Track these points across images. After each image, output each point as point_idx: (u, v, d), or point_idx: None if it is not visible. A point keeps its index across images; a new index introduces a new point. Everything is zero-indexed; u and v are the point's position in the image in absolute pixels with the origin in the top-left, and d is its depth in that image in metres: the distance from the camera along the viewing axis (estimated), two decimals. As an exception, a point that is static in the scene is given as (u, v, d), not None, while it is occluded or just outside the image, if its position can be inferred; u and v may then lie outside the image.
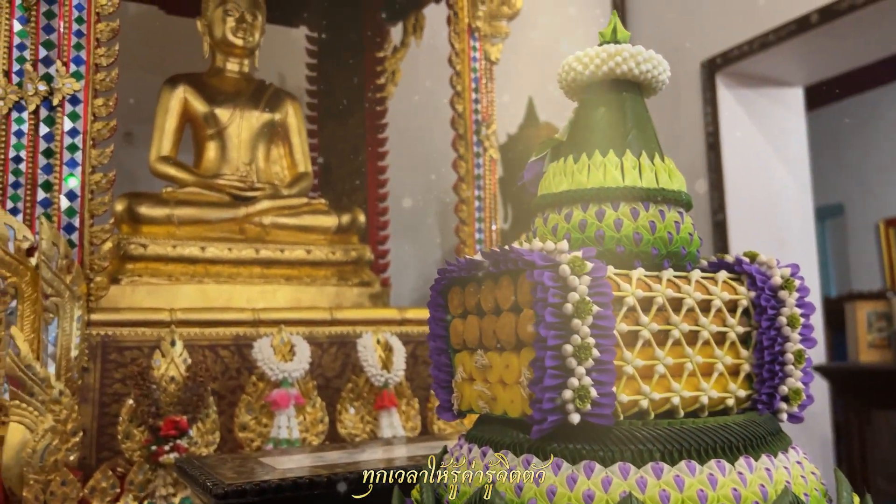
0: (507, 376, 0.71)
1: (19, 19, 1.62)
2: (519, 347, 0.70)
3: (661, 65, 0.79)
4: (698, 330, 0.72)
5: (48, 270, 1.51)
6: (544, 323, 0.64)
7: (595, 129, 0.77)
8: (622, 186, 0.73)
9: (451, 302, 0.79)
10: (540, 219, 0.79)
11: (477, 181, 1.94)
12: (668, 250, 0.75)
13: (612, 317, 0.66)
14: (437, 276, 0.79)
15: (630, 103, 0.78)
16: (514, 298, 0.70)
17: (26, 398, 1.40)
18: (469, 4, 1.94)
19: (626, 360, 0.68)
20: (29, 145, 1.59)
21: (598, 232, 0.73)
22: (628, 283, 0.69)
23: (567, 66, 0.79)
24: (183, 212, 1.91)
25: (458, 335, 0.78)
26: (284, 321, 1.73)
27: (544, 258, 0.66)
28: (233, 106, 2.10)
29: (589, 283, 0.65)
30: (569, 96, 0.83)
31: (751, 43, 2.82)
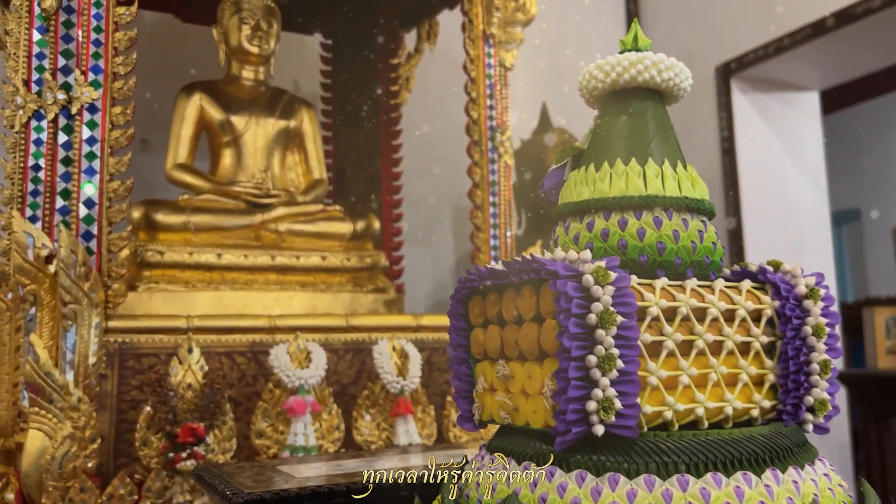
0: (529, 387, 0.70)
1: (38, 29, 1.64)
2: (542, 358, 0.70)
3: (683, 72, 0.78)
4: (722, 340, 0.71)
5: (66, 278, 1.52)
6: (568, 333, 0.63)
7: (617, 137, 0.77)
8: (645, 195, 0.73)
9: (472, 311, 0.79)
10: (561, 227, 0.78)
11: (492, 187, 1.94)
12: (692, 259, 0.74)
13: (636, 327, 0.65)
14: (457, 284, 0.78)
15: (652, 111, 0.78)
16: (536, 308, 0.70)
17: (45, 405, 1.41)
18: (484, 11, 1.94)
19: (651, 371, 0.67)
20: (48, 153, 1.61)
21: (620, 241, 0.73)
22: (652, 292, 0.69)
23: (588, 74, 0.79)
24: (199, 219, 1.92)
25: (479, 345, 0.78)
26: (300, 328, 1.73)
27: (567, 268, 0.65)
28: (248, 113, 2.11)
29: (613, 293, 0.64)
30: (589, 104, 0.83)
31: (766, 47, 2.80)
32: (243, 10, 2.10)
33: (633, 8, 3.29)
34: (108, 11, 1.64)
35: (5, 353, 1.60)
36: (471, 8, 1.94)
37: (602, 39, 3.33)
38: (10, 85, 1.65)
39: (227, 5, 2.13)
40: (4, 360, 1.60)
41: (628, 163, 0.75)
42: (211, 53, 2.45)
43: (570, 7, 3.16)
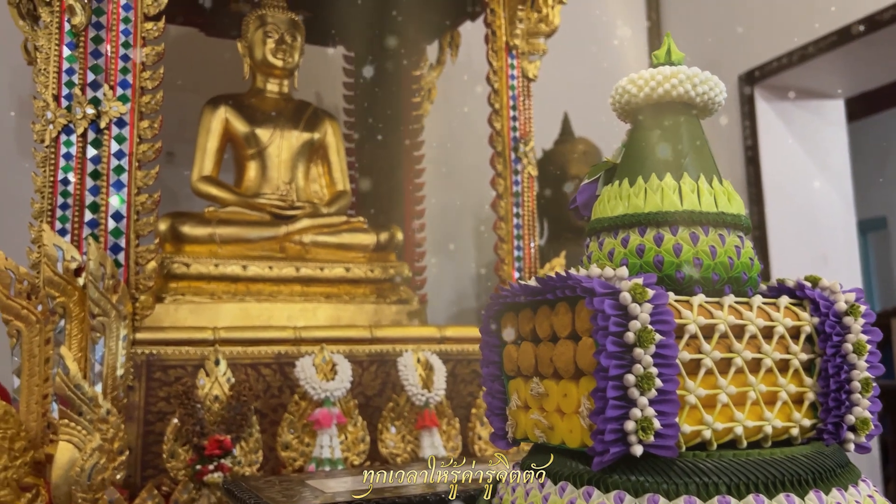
0: (565, 405, 0.70)
1: (68, 45, 1.66)
2: (578, 376, 0.69)
3: (718, 86, 0.77)
4: (761, 357, 0.70)
5: (95, 290, 1.54)
6: (606, 352, 0.63)
7: (651, 151, 0.76)
8: (681, 211, 0.72)
9: (505, 328, 0.78)
10: (594, 243, 0.78)
11: (515, 198, 1.93)
12: (729, 276, 0.73)
13: (675, 345, 0.64)
14: (489, 300, 0.78)
15: (686, 125, 0.77)
16: (572, 326, 0.69)
17: (75, 417, 1.42)
18: (507, 23, 1.94)
19: (689, 390, 0.66)
20: (77, 167, 1.62)
21: (656, 257, 0.72)
22: (689, 309, 0.68)
23: (621, 88, 0.79)
24: (225, 231, 1.94)
25: (512, 361, 0.77)
26: (325, 339, 1.74)
27: (604, 285, 0.65)
28: (273, 126, 2.12)
29: (651, 310, 0.64)
30: (621, 118, 0.82)
31: (790, 55, 2.78)
32: (268, 23, 2.12)
33: (655, 17, 3.28)
34: (136, 27, 1.66)
35: (35, 364, 1.61)
36: (494, 20, 1.95)
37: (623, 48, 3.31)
38: (40, 100, 1.67)
39: (251, 19, 2.15)
40: (34, 371, 1.61)
41: (663, 178, 0.74)
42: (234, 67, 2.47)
43: (592, 16, 3.15)
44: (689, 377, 0.67)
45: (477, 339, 1.85)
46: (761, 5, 2.92)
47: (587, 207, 0.82)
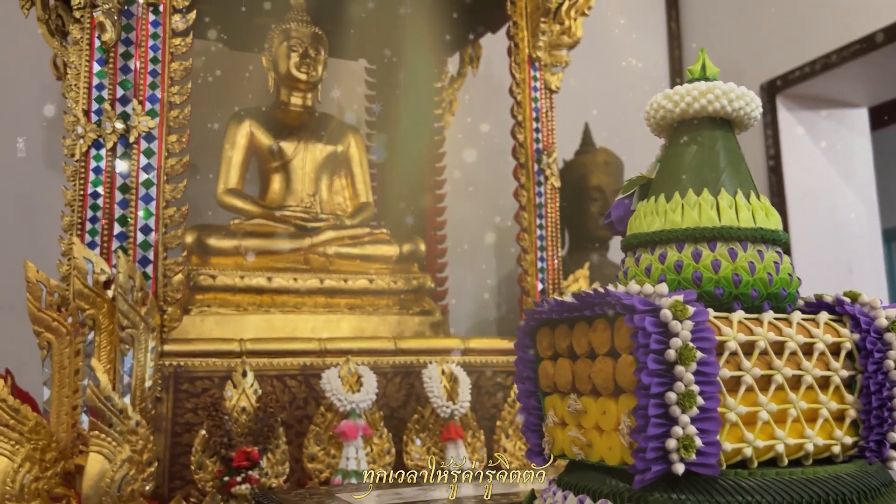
0: (604, 423, 0.70)
1: (98, 61, 1.69)
2: (617, 393, 0.69)
3: (754, 101, 0.77)
4: (801, 374, 0.69)
5: (124, 303, 1.55)
6: (646, 370, 0.63)
7: (687, 167, 0.76)
8: (719, 226, 0.72)
9: (540, 343, 0.78)
10: (631, 258, 0.78)
11: (538, 210, 1.93)
12: (768, 292, 0.73)
13: (715, 363, 0.64)
14: (524, 316, 0.78)
15: (722, 140, 0.77)
16: (611, 343, 0.69)
17: (105, 429, 1.43)
18: (529, 35, 1.95)
19: (729, 407, 0.66)
20: (106, 181, 1.64)
21: (695, 273, 0.72)
22: (729, 326, 0.68)
23: (655, 103, 0.79)
24: (250, 243, 1.95)
25: (549, 378, 0.77)
26: (350, 351, 1.74)
27: (644, 302, 0.65)
28: (297, 139, 2.14)
29: (691, 328, 0.64)
30: (655, 133, 0.82)
31: (812, 64, 2.76)
32: (292, 38, 2.14)
33: (675, 27, 3.27)
34: (165, 43, 1.69)
35: (65, 376, 1.63)
36: (516, 32, 1.95)
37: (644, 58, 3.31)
38: (70, 115, 1.70)
39: (275, 33, 2.17)
40: (64, 383, 1.63)
41: (700, 193, 0.74)
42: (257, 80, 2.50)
43: (612, 26, 3.16)
44: (730, 394, 0.66)
45: (500, 350, 1.86)
46: (783, 14, 2.91)
47: (622, 222, 0.82)
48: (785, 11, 2.90)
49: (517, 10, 1.96)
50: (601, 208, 2.66)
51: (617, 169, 2.73)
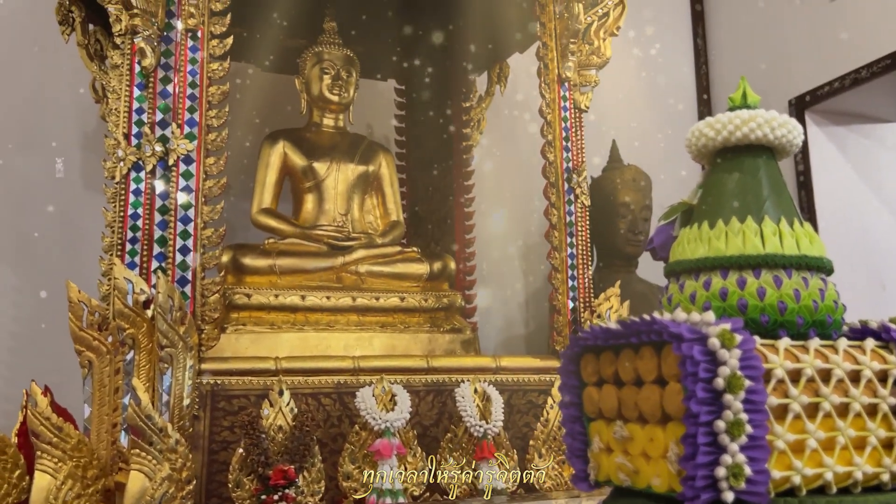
0: (651, 450, 0.70)
1: (138, 86, 1.73)
2: (664, 421, 0.69)
3: (796, 129, 0.78)
4: (849, 402, 0.70)
5: (164, 322, 1.59)
6: (695, 398, 0.63)
7: (730, 194, 0.77)
8: (763, 254, 0.73)
9: (585, 370, 0.79)
10: (674, 285, 0.78)
11: (569, 228, 1.94)
12: (814, 319, 0.73)
13: (764, 391, 0.64)
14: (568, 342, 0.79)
15: (765, 168, 0.77)
16: (658, 370, 0.70)
17: (146, 447, 1.46)
18: (559, 56, 1.97)
19: (777, 435, 0.66)
20: (146, 203, 1.68)
21: (740, 301, 0.72)
22: (776, 354, 0.68)
23: (697, 131, 0.80)
24: (284, 262, 1.98)
25: (594, 403, 0.78)
26: (383, 369, 1.76)
27: (692, 331, 0.65)
28: (330, 159, 2.18)
29: (739, 356, 0.64)
30: (696, 160, 0.83)
31: (842, 79, 2.74)
32: (324, 60, 2.18)
33: (701, 43, 3.27)
34: (203, 68, 1.73)
35: (105, 394, 1.66)
36: (546, 53, 1.97)
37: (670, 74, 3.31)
38: (111, 138, 1.74)
39: (308, 56, 2.21)
40: (104, 401, 1.66)
41: (744, 220, 0.75)
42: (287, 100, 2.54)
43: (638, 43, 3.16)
44: (777, 422, 0.67)
45: (532, 368, 1.86)
46: (810, 30, 2.90)
47: (664, 248, 0.82)
48: (812, 27, 2.89)
49: (546, 31, 1.98)
50: (629, 225, 2.65)
51: (645, 185, 2.72)
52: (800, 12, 2.93)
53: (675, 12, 3.36)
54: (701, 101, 3.29)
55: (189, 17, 1.73)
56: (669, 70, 3.29)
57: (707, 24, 3.30)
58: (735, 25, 3.22)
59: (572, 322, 1.89)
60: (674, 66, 3.33)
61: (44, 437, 1.50)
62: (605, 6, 1.98)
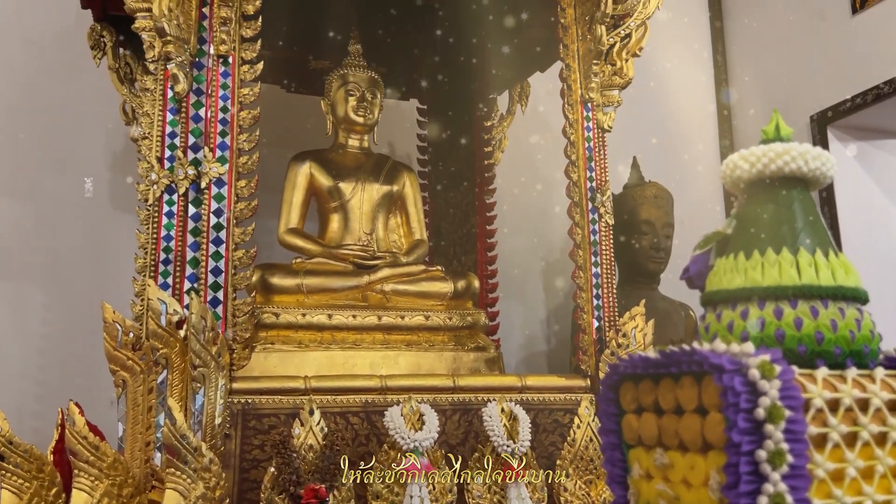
0: (692, 477, 0.72)
1: (171, 110, 1.77)
2: (705, 449, 0.71)
3: (829, 161, 0.80)
4: (887, 431, 0.71)
5: (197, 343, 1.62)
6: (737, 428, 0.65)
7: (765, 225, 0.78)
8: (800, 285, 0.74)
9: (624, 397, 0.81)
10: (711, 314, 0.80)
11: (593, 247, 1.95)
12: (851, 349, 0.74)
13: (803, 421, 0.66)
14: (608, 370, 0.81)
15: (799, 199, 0.79)
16: (698, 400, 0.71)
17: (180, 466, 1.49)
18: (582, 77, 1.99)
19: (817, 464, 0.67)
20: (178, 225, 1.72)
21: (777, 331, 0.74)
22: (814, 384, 0.70)
23: (732, 163, 0.81)
24: (311, 281, 2.01)
25: (633, 431, 0.80)
26: (410, 388, 1.78)
27: (732, 362, 0.67)
28: (355, 179, 2.21)
29: (779, 387, 0.66)
30: (730, 190, 0.85)
31: (863, 95, 2.75)
32: (349, 82, 2.22)
33: (721, 59, 3.29)
34: (234, 92, 1.77)
35: (139, 413, 1.70)
36: (569, 74, 2.00)
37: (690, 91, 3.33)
38: (144, 162, 1.78)
39: (333, 78, 2.26)
40: (138, 419, 1.69)
41: (779, 251, 0.76)
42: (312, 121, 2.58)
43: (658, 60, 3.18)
44: (817, 451, 0.68)
45: (557, 388, 1.87)
46: (829, 46, 2.90)
47: (700, 278, 0.84)
48: (833, 43, 2.90)
49: (569, 52, 2.00)
50: (651, 242, 2.66)
51: (667, 202, 2.73)
52: (820, 28, 2.94)
53: (695, 28, 3.39)
54: (721, 117, 3.30)
55: (220, 44, 1.77)
56: (689, 86, 3.31)
57: (727, 40, 3.32)
58: (755, 41, 3.23)
59: (597, 341, 1.90)
60: (693, 83, 3.35)
61: (81, 456, 1.53)
62: (627, 28, 2.01)
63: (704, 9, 3.39)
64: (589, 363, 1.89)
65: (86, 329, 2.65)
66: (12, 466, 1.56)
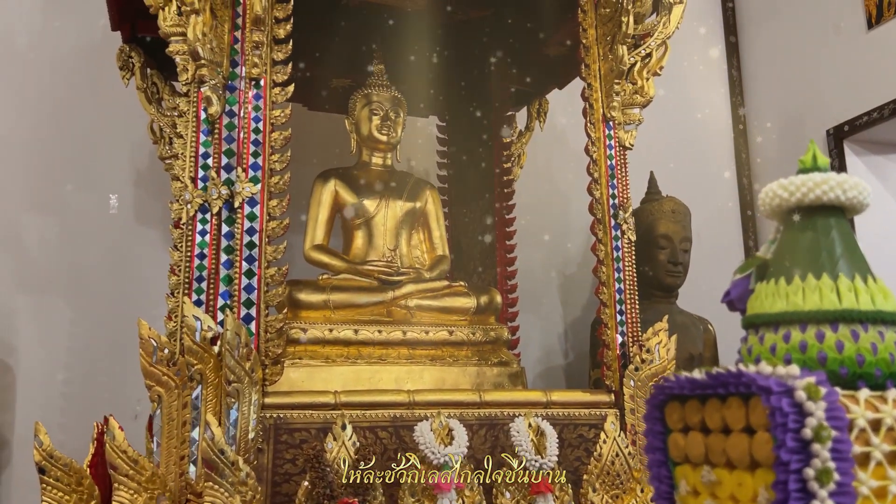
0: (740, 494, 0.75)
1: (204, 132, 1.81)
2: (753, 467, 0.74)
3: (866, 190, 0.83)
4: (927, 449, 0.74)
5: (231, 359, 1.65)
6: (785, 448, 0.68)
7: (805, 251, 0.82)
8: (840, 309, 0.77)
9: (670, 417, 0.84)
10: (754, 337, 0.83)
11: (616, 263, 1.99)
12: (891, 370, 0.77)
13: (848, 440, 0.69)
14: (653, 391, 0.84)
15: (837, 227, 0.83)
16: (746, 420, 0.74)
17: (218, 480, 1.52)
18: (603, 96, 2.03)
19: (862, 481, 0.70)
20: (212, 243, 1.76)
21: (819, 354, 0.77)
22: (856, 404, 0.73)
23: (771, 192, 0.85)
24: (338, 297, 2.05)
25: (679, 449, 0.83)
26: (437, 403, 1.81)
27: (779, 384, 0.70)
28: (379, 196, 2.25)
29: (825, 408, 0.69)
30: (768, 217, 0.88)
31: (880, 110, 2.78)
32: (373, 102, 2.27)
33: (737, 74, 3.32)
34: (266, 114, 1.81)
35: (174, 427, 1.73)
36: (591, 94, 2.04)
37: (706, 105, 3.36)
38: (178, 182, 1.83)
39: (358, 98, 2.30)
40: (173, 434, 1.73)
41: (819, 277, 0.80)
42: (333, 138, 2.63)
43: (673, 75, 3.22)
44: (861, 469, 0.71)
45: (582, 403, 1.90)
46: (846, 60, 2.94)
47: (741, 301, 0.87)
48: (849, 57, 2.93)
49: (591, 72, 2.04)
50: (669, 256, 2.69)
51: (684, 216, 2.77)
52: (836, 43, 2.97)
53: (710, 44, 3.43)
54: (737, 131, 3.33)
55: (253, 67, 1.82)
56: (704, 101, 3.35)
57: (742, 55, 3.36)
58: (770, 56, 3.27)
59: (621, 356, 1.93)
60: (708, 98, 3.38)
61: (121, 470, 1.57)
62: (647, 47, 2.05)
63: (719, 24, 3.43)
64: (613, 378, 1.92)
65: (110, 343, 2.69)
66: (53, 480, 1.60)
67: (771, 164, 3.17)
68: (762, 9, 3.31)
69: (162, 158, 2.49)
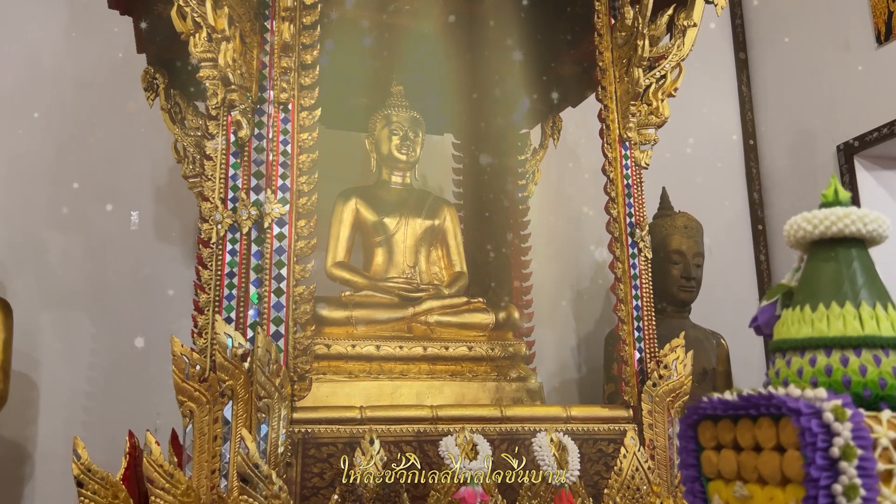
0: (771, 509, 0.80)
1: (233, 154, 1.87)
2: (784, 483, 0.79)
3: (886, 223, 0.88)
4: (945, 467, 0.78)
5: (262, 375, 1.71)
6: (815, 465, 0.73)
7: (828, 281, 0.87)
8: (863, 335, 0.83)
9: (703, 435, 0.89)
10: (781, 360, 0.88)
11: (633, 281, 2.04)
12: (912, 393, 0.82)
13: (873, 458, 0.74)
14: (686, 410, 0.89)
15: (858, 258, 0.88)
16: (776, 439, 0.79)
17: (253, 493, 1.57)
18: (619, 117, 2.09)
19: (885, 496, 0.75)
20: (242, 262, 1.81)
21: (844, 377, 0.82)
22: (880, 425, 0.78)
23: (795, 224, 0.90)
24: (360, 313, 2.10)
25: (712, 466, 0.88)
26: (460, 418, 1.85)
27: (808, 406, 0.75)
28: (398, 214, 2.31)
29: (851, 428, 0.74)
30: (792, 246, 0.94)
31: (890, 125, 2.82)
32: (393, 122, 2.33)
33: (746, 90, 3.38)
34: (294, 138, 1.87)
35: (205, 441, 1.78)
36: (607, 115, 2.09)
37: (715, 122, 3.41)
38: (209, 203, 1.88)
39: (378, 118, 2.37)
40: (204, 448, 1.78)
41: (843, 305, 0.85)
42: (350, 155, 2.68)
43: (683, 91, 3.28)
44: (884, 485, 0.76)
45: (601, 418, 1.94)
46: (856, 76, 2.98)
47: (768, 326, 0.93)
48: (858, 73, 2.98)
49: (607, 94, 2.10)
50: (682, 271, 2.74)
51: (696, 232, 2.82)
52: (845, 59, 3.02)
53: (720, 60, 3.49)
54: (747, 146, 3.38)
55: (281, 92, 1.88)
56: (714, 117, 3.40)
57: (752, 71, 3.41)
58: (780, 72, 3.33)
59: (639, 372, 1.98)
60: (719, 114, 3.44)
61: (157, 483, 1.61)
62: (662, 69, 2.10)
63: (729, 40, 3.49)
64: (631, 394, 1.97)
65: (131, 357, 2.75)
66: (90, 493, 1.65)
67: (781, 180, 3.22)
68: (772, 26, 3.37)
69: (185, 177, 2.55)
